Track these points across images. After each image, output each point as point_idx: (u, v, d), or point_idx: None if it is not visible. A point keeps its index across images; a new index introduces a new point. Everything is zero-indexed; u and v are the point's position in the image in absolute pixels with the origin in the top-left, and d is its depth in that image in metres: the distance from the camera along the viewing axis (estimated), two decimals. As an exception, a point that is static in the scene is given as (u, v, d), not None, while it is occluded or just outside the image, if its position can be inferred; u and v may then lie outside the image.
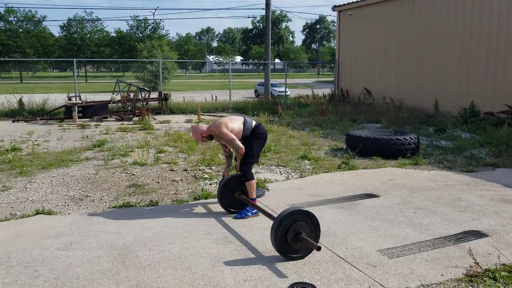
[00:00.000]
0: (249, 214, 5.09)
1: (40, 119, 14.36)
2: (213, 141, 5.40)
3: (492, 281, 3.54)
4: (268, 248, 4.20)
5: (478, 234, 4.58)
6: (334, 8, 20.26)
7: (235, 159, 5.33)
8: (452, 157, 8.56)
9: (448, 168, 7.68)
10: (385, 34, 17.33)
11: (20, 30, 54.45)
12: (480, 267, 3.74)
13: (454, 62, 14.32)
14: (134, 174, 7.12)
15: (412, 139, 8.46)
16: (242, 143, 5.26)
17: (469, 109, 13.32)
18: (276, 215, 4.27)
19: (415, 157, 8.21)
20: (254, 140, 5.27)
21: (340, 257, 4.01)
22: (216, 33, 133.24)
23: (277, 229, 3.86)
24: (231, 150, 5.45)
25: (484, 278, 3.59)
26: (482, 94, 13.38)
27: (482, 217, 5.11)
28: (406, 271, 3.74)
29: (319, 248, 3.76)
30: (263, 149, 8.99)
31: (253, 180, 5.19)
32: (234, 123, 5.22)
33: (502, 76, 12.81)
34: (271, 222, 4.16)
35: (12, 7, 53.15)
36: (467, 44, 13.84)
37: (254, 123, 5.37)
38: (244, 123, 5.28)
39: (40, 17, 56.86)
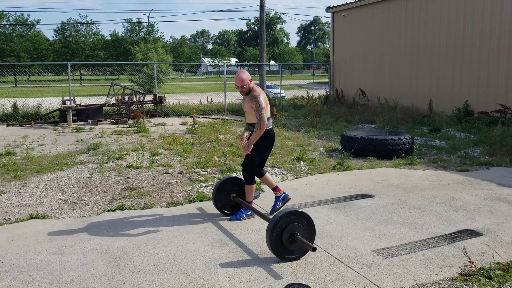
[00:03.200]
0: (244, 216, 5.08)
1: (34, 123, 14.29)
2: (244, 99, 5.01)
3: (487, 280, 3.54)
4: (263, 250, 4.20)
5: (472, 233, 4.59)
6: (328, 9, 20.30)
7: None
8: (447, 156, 8.59)
9: (442, 167, 7.70)
10: (379, 34, 17.38)
11: (14, 34, 54.23)
12: (475, 266, 3.74)
13: (448, 62, 14.37)
14: (129, 177, 7.11)
15: (406, 139, 8.49)
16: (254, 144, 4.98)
17: (463, 108, 13.38)
18: (271, 217, 4.27)
19: (409, 157, 8.23)
20: (267, 141, 5.00)
21: (335, 258, 4.02)
22: (211, 36, 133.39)
23: (272, 230, 3.85)
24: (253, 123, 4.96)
25: (479, 277, 3.59)
26: (476, 94, 13.44)
27: (477, 216, 5.13)
28: (401, 271, 3.74)
29: (314, 249, 3.76)
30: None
31: (254, 185, 5.15)
32: (267, 108, 4.93)
33: (495, 75, 12.87)
34: (266, 223, 4.16)
35: (3, 11, 52.82)
36: (461, 44, 13.90)
37: (271, 123, 5.11)
38: (269, 118, 5.00)
39: (33, 21, 56.69)
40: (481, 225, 4.83)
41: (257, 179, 6.85)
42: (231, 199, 5.22)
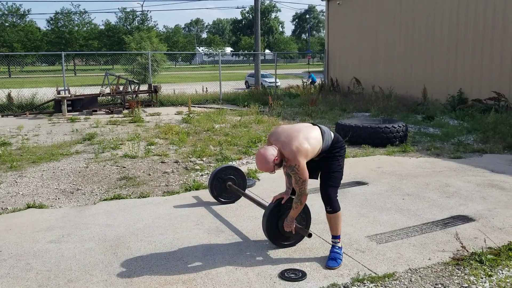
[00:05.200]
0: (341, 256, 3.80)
1: (29, 114, 14.25)
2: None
3: (479, 264, 3.62)
4: (259, 236, 4.25)
5: (465, 219, 4.66)
6: (323, -3, 20.23)
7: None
8: (440, 144, 8.66)
9: (436, 155, 7.77)
10: (373, 22, 17.35)
11: (7, 24, 53.69)
12: (467, 251, 3.81)
13: (442, 50, 14.39)
14: (124, 167, 7.13)
15: (400, 127, 8.54)
16: (322, 161, 3.85)
17: (457, 96, 13.43)
18: (266, 204, 4.32)
19: (403, 145, 8.30)
20: (339, 156, 3.82)
21: (330, 244, 4.07)
22: (205, 24, 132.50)
23: (268, 217, 3.90)
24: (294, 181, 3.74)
25: (471, 261, 3.66)
26: (469, 82, 13.48)
27: (469, 202, 5.20)
28: (394, 256, 3.81)
29: (310, 235, 3.82)
30: (254, 140, 9.03)
31: (340, 212, 3.81)
32: (312, 139, 3.64)
33: (489, 63, 12.91)
34: (262, 211, 4.20)
35: None
36: (455, 32, 13.91)
37: (332, 133, 3.86)
38: (323, 134, 3.74)
39: (25, 11, 56.16)
40: (473, 211, 4.90)
41: (247, 169, 6.87)
42: (227, 188, 5.26)
